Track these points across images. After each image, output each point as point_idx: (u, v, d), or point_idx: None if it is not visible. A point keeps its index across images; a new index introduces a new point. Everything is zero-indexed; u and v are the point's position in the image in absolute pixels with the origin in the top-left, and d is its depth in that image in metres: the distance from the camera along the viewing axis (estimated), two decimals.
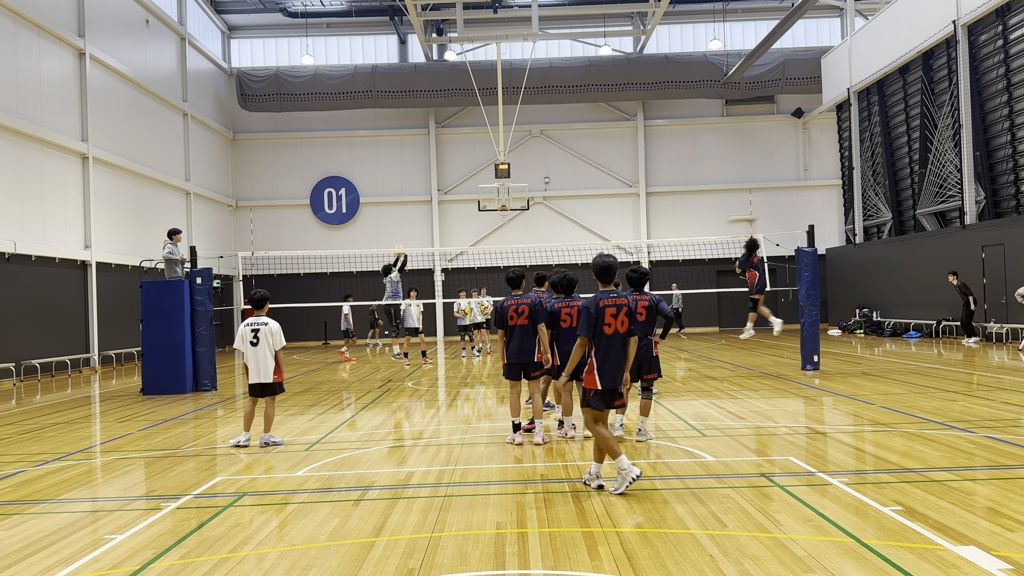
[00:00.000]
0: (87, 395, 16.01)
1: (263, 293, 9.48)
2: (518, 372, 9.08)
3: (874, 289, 27.52)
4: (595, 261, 6.85)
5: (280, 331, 9.31)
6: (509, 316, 8.93)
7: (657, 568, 4.85)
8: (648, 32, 29.84)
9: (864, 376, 14.66)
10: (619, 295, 6.74)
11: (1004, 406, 10.61)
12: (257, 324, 9.25)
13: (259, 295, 9.44)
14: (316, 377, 18.28)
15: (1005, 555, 4.88)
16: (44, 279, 19.82)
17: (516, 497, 6.63)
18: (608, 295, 6.71)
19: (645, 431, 8.88)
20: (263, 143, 33.65)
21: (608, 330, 6.63)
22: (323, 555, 5.30)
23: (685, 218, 33.05)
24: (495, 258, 30.71)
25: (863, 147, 29.54)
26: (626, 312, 6.68)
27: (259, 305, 9.40)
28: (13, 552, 5.58)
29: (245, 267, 30.59)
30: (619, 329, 6.64)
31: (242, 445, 9.22)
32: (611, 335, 6.63)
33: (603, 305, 6.65)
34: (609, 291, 6.75)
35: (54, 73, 20.97)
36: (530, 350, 8.97)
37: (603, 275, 6.80)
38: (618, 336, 6.65)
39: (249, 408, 9.42)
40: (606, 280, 6.80)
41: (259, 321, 9.27)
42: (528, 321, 8.91)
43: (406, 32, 33.91)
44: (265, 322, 9.26)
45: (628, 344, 6.70)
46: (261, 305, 9.40)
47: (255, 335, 9.19)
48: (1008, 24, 21.00)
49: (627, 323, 6.67)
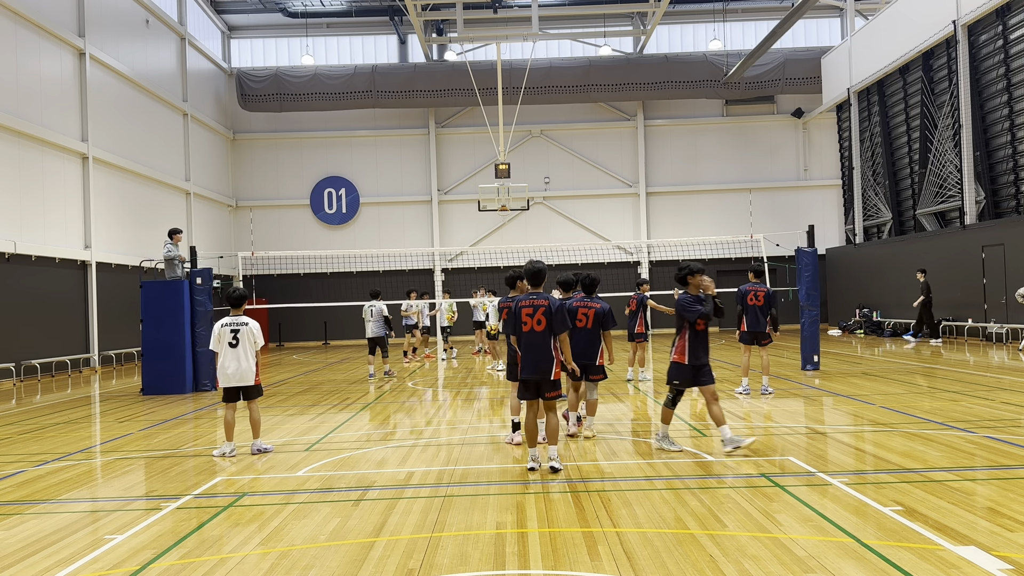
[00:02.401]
0: (87, 395, 16.01)
1: (242, 291, 8.98)
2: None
3: (874, 289, 27.52)
4: (527, 267, 7.64)
5: (259, 330, 8.90)
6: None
7: (657, 568, 4.85)
8: (648, 32, 29.84)
9: (864, 376, 14.66)
10: (540, 297, 7.51)
11: (1004, 406, 10.61)
12: (236, 324, 8.75)
13: (238, 293, 8.93)
14: (316, 377, 18.27)
15: (1005, 555, 4.88)
16: (44, 279, 19.82)
17: (516, 497, 6.63)
18: (529, 296, 7.55)
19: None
20: (263, 143, 33.64)
21: (525, 328, 7.44)
22: (323, 555, 5.30)
23: (685, 218, 33.05)
24: (495, 258, 30.72)
25: (863, 147, 29.54)
26: (543, 312, 7.45)
27: (237, 304, 8.93)
28: (13, 552, 5.58)
29: (245, 267, 30.59)
30: (535, 327, 7.41)
31: (229, 455, 8.69)
32: (528, 332, 7.43)
33: (521, 305, 7.52)
34: (538, 293, 7.57)
35: (54, 73, 20.97)
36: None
37: (533, 279, 7.62)
38: (535, 333, 7.41)
39: (229, 415, 8.83)
40: (535, 283, 7.63)
41: (238, 321, 8.78)
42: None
43: (406, 32, 33.91)
44: (245, 322, 8.79)
45: (550, 340, 7.44)
46: (239, 304, 8.94)
47: (235, 336, 8.70)
48: (1008, 24, 21.00)
49: (544, 322, 7.42)
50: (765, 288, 12.53)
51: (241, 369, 8.76)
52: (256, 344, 8.82)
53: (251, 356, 8.81)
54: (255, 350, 8.84)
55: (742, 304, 12.52)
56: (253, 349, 8.83)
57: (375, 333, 17.23)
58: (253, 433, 9.01)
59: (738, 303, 12.66)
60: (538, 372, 7.43)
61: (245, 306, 9.04)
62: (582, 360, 8.83)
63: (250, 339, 8.80)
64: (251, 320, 8.91)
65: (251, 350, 8.81)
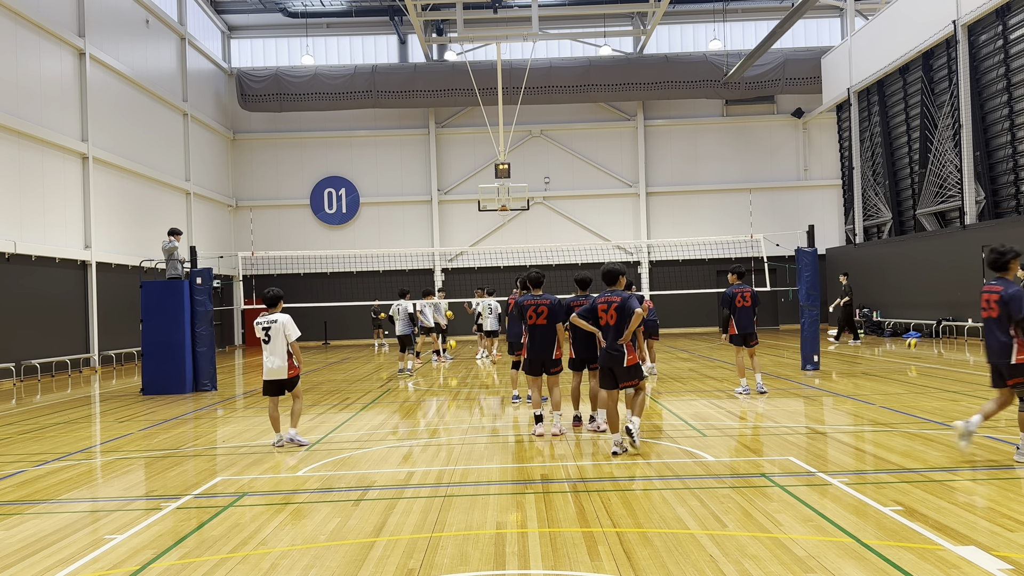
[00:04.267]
0: (87, 395, 16.01)
1: (275, 293, 9.32)
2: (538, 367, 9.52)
3: (874, 289, 27.52)
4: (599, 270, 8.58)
5: (291, 322, 9.15)
6: (529, 316, 9.40)
7: (657, 568, 4.85)
8: (648, 32, 29.84)
9: (864, 376, 14.66)
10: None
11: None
12: (267, 322, 9.10)
13: (271, 294, 9.30)
14: (316, 377, 18.27)
15: (1005, 555, 4.88)
16: (44, 279, 19.82)
17: (516, 497, 6.63)
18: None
19: None
20: (263, 143, 33.65)
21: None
22: (323, 555, 5.30)
23: (685, 218, 33.05)
24: (495, 258, 30.73)
25: (863, 147, 29.54)
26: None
27: (271, 304, 9.26)
28: (13, 552, 5.58)
29: (245, 267, 30.59)
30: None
31: (278, 446, 9.14)
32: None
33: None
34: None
35: (54, 73, 20.97)
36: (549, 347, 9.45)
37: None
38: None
39: (272, 409, 9.30)
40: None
41: (269, 319, 9.12)
42: (547, 320, 9.32)
43: (406, 32, 33.91)
44: (275, 319, 9.10)
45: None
46: (273, 304, 9.26)
47: (266, 333, 9.10)
48: (1008, 24, 20.99)
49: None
50: (751, 289, 12.58)
51: (275, 364, 9.09)
52: (289, 338, 9.08)
53: (284, 351, 9.08)
54: (287, 344, 9.08)
55: (730, 307, 12.47)
56: (285, 344, 9.07)
57: (402, 331, 17.56)
58: (292, 421, 9.33)
59: (725, 306, 12.61)
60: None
61: (281, 305, 9.33)
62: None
63: (281, 333, 9.08)
64: (281, 316, 9.18)
65: (283, 345, 9.07)
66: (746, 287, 12.57)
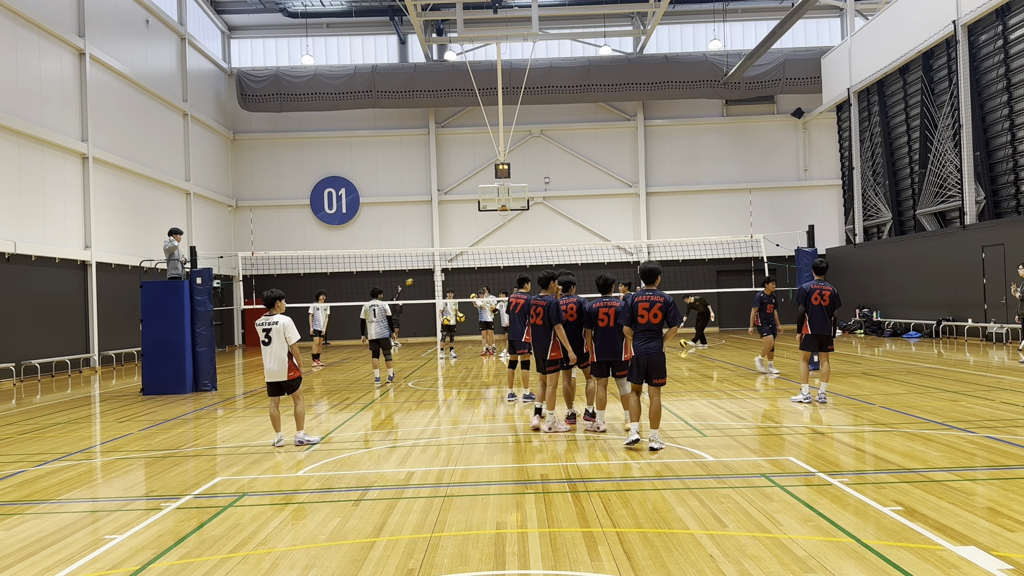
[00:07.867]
0: (87, 395, 16.01)
1: (275, 294, 9.31)
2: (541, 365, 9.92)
3: (874, 289, 27.52)
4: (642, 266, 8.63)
5: (291, 325, 9.12)
6: (531, 314, 9.80)
7: (657, 568, 4.85)
8: (648, 32, 29.84)
9: (864, 376, 14.66)
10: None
11: (1004, 406, 10.61)
12: (268, 323, 9.09)
13: (270, 295, 9.29)
14: (316, 377, 18.27)
15: (1005, 555, 4.88)
16: (44, 279, 19.82)
17: (516, 497, 6.63)
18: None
19: None
20: (263, 143, 33.64)
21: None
22: (323, 555, 5.30)
23: (685, 218, 33.05)
24: (495, 258, 30.73)
25: (863, 147, 29.54)
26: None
27: (269, 305, 9.25)
28: (13, 552, 5.58)
29: (245, 267, 30.59)
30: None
31: (278, 446, 9.14)
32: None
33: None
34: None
35: (54, 73, 20.97)
36: (544, 346, 9.75)
37: (645, 277, 8.74)
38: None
39: (273, 408, 9.31)
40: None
41: (269, 320, 9.10)
42: (543, 321, 9.65)
43: (406, 32, 33.91)
44: (275, 320, 9.09)
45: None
46: (271, 305, 9.24)
47: (266, 335, 9.09)
48: (1008, 24, 21.00)
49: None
50: (832, 287, 11.31)
51: (275, 366, 9.08)
52: (288, 340, 9.06)
53: (284, 353, 9.06)
54: (287, 346, 9.06)
55: (805, 304, 11.17)
56: (285, 346, 9.05)
57: (378, 335, 15.48)
58: (297, 424, 9.34)
59: (800, 302, 11.31)
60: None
61: (282, 306, 9.32)
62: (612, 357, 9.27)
63: (281, 336, 9.06)
64: (283, 318, 9.16)
65: (283, 347, 9.05)
66: (827, 285, 11.27)
